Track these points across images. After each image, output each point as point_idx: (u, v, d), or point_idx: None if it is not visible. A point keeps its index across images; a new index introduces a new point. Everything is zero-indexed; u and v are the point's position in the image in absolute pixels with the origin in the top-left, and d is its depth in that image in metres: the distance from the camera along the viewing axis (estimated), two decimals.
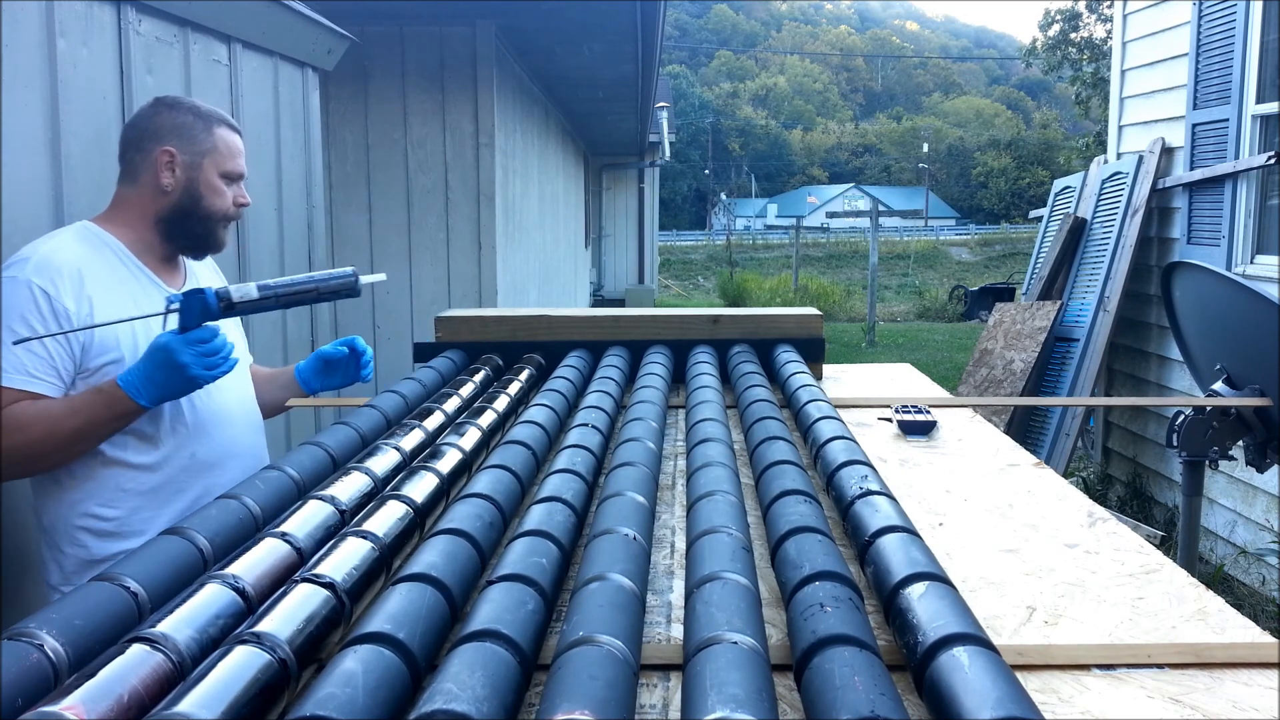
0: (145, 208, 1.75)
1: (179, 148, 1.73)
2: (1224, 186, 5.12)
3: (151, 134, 1.73)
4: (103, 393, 1.58)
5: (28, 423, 1.55)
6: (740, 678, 0.68)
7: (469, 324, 2.19)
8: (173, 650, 0.77)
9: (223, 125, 1.79)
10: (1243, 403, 2.54)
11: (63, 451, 1.60)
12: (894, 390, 2.19)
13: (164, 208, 1.75)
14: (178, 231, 1.77)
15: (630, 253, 18.26)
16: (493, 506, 1.10)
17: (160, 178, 1.73)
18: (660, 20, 6.09)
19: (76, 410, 1.58)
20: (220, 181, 1.77)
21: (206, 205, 1.76)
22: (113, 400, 1.58)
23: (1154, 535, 5.24)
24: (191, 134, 1.74)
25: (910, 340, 15.33)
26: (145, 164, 1.73)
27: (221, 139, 1.78)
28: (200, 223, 1.77)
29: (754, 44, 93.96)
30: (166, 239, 1.77)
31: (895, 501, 1.11)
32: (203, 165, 1.75)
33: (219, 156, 1.77)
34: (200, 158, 1.75)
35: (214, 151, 1.76)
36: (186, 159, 1.74)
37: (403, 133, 5.04)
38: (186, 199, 1.75)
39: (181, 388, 1.60)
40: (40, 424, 1.55)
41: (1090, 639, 0.95)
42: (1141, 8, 6.10)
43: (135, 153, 1.75)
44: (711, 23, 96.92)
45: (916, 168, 63.26)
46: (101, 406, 1.58)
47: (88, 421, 1.58)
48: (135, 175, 1.75)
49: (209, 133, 1.76)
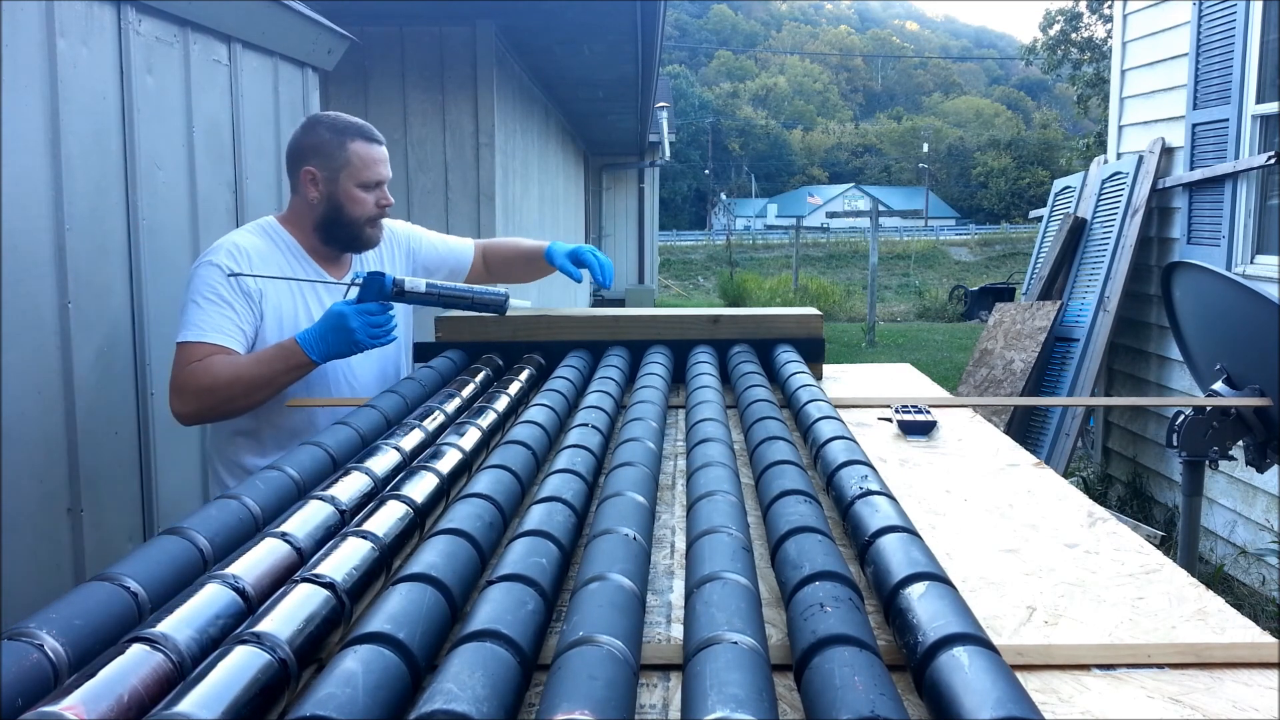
0: (305, 216, 2.05)
1: (318, 166, 1.99)
2: (1224, 186, 5.12)
3: (298, 154, 2.02)
4: (283, 348, 1.88)
5: (220, 372, 1.85)
6: (740, 678, 0.68)
7: (469, 324, 2.19)
8: (173, 650, 0.77)
9: (357, 139, 2.01)
10: (1243, 403, 2.54)
11: (248, 397, 1.88)
12: (894, 390, 2.19)
13: (318, 217, 2.03)
14: (331, 235, 2.05)
15: (630, 253, 18.25)
16: (493, 506, 1.10)
17: (308, 193, 2.01)
18: (660, 20, 6.09)
19: (261, 362, 1.88)
20: (358, 191, 2.01)
21: (349, 213, 2.02)
22: (291, 354, 1.87)
23: (1154, 535, 5.24)
24: (328, 152, 1.99)
25: (910, 340, 15.33)
26: (298, 181, 2.03)
27: (355, 153, 2.00)
28: (346, 228, 2.04)
29: (754, 44, 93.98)
30: (326, 242, 2.06)
31: (895, 501, 1.11)
32: (340, 179, 2.00)
33: (353, 170, 2.00)
34: (337, 173, 1.99)
35: (348, 166, 2.00)
36: (325, 175, 2.00)
37: (403, 133, 5.04)
38: (331, 209, 2.02)
39: (348, 349, 1.88)
40: (230, 372, 1.85)
41: (1090, 639, 0.95)
42: (1141, 8, 6.10)
43: (292, 171, 2.04)
44: (711, 23, 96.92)
45: (916, 168, 63.26)
46: (280, 360, 1.87)
47: (269, 372, 1.87)
48: (296, 189, 2.05)
49: (342, 149, 1.99)
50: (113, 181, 2.29)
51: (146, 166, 2.39)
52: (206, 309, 1.89)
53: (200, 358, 1.86)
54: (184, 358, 1.87)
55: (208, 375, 1.85)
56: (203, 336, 1.87)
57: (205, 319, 1.88)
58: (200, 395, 1.85)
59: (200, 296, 1.90)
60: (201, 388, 1.85)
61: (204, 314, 1.89)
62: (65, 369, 2.09)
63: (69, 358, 2.09)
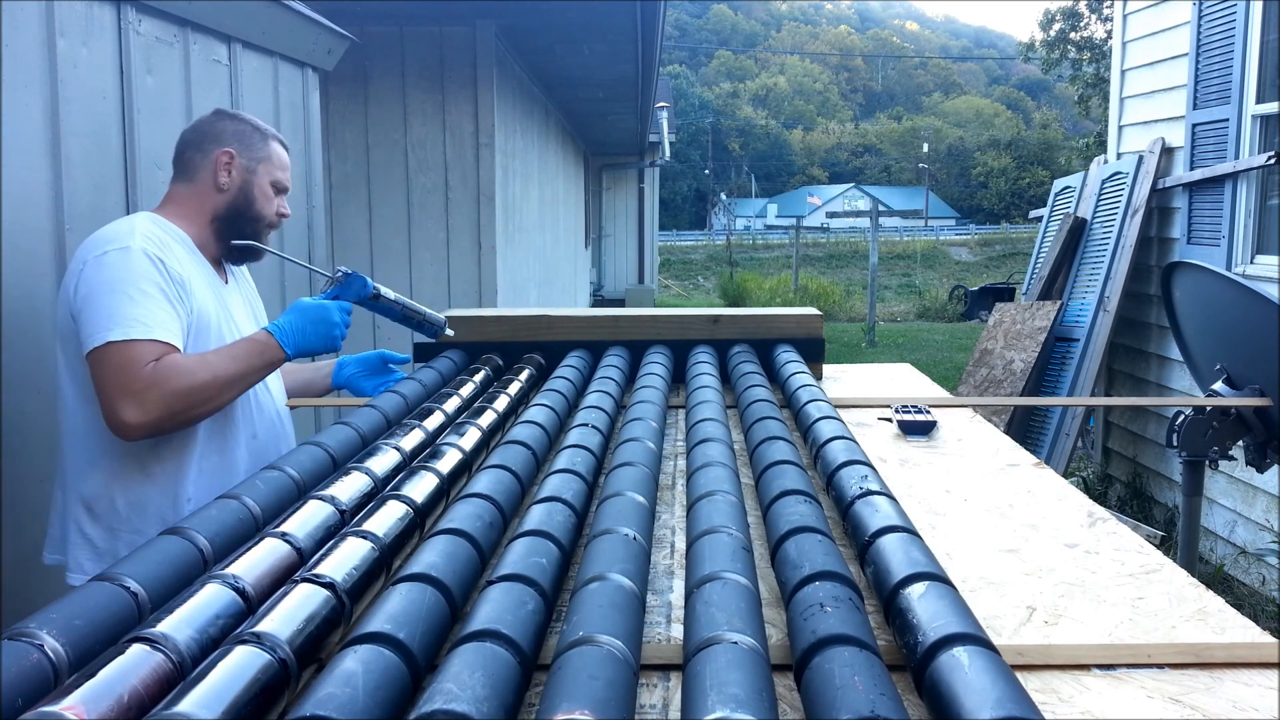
0: (202, 204, 1.85)
1: (238, 151, 1.86)
2: (1224, 186, 5.12)
3: (213, 137, 1.86)
4: (256, 341, 1.73)
5: (191, 369, 1.65)
6: (740, 678, 0.68)
7: (469, 324, 2.19)
8: (173, 650, 0.77)
9: (276, 140, 1.93)
10: (1243, 403, 2.54)
11: (219, 399, 1.69)
12: (894, 390, 2.19)
13: (220, 205, 1.85)
14: (229, 230, 1.87)
15: (630, 253, 18.25)
16: (493, 506, 1.10)
17: (218, 176, 1.85)
18: (660, 20, 6.09)
19: (235, 356, 1.70)
20: (270, 189, 1.89)
21: (257, 208, 1.88)
22: (265, 348, 1.72)
23: (1154, 535, 5.23)
24: (250, 141, 1.87)
25: (910, 340, 15.32)
26: (204, 163, 1.85)
27: (275, 151, 1.91)
28: (250, 224, 1.88)
29: (754, 44, 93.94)
30: (218, 237, 1.87)
31: (895, 501, 1.11)
32: (257, 171, 1.87)
33: (271, 166, 1.89)
34: (256, 164, 1.87)
35: (268, 160, 1.89)
36: (244, 162, 1.86)
37: (403, 133, 5.04)
38: (241, 199, 1.86)
39: (323, 346, 1.76)
40: (204, 369, 1.66)
41: (1090, 639, 0.95)
42: (1141, 8, 6.10)
43: (195, 152, 1.86)
44: (711, 23, 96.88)
45: (916, 168, 63.24)
46: (255, 354, 1.71)
47: (244, 367, 1.70)
48: (193, 174, 1.86)
49: (265, 144, 1.89)
50: (113, 181, 2.28)
51: (146, 166, 2.39)
52: (143, 303, 1.63)
53: (155, 357, 1.61)
54: (134, 357, 1.59)
55: (179, 375, 1.61)
56: (149, 334, 1.62)
57: (146, 314, 1.63)
58: (169, 400, 1.60)
59: (132, 289, 1.63)
60: (172, 391, 1.60)
61: (142, 308, 1.63)
62: None
63: None
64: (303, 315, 1.75)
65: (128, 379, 1.59)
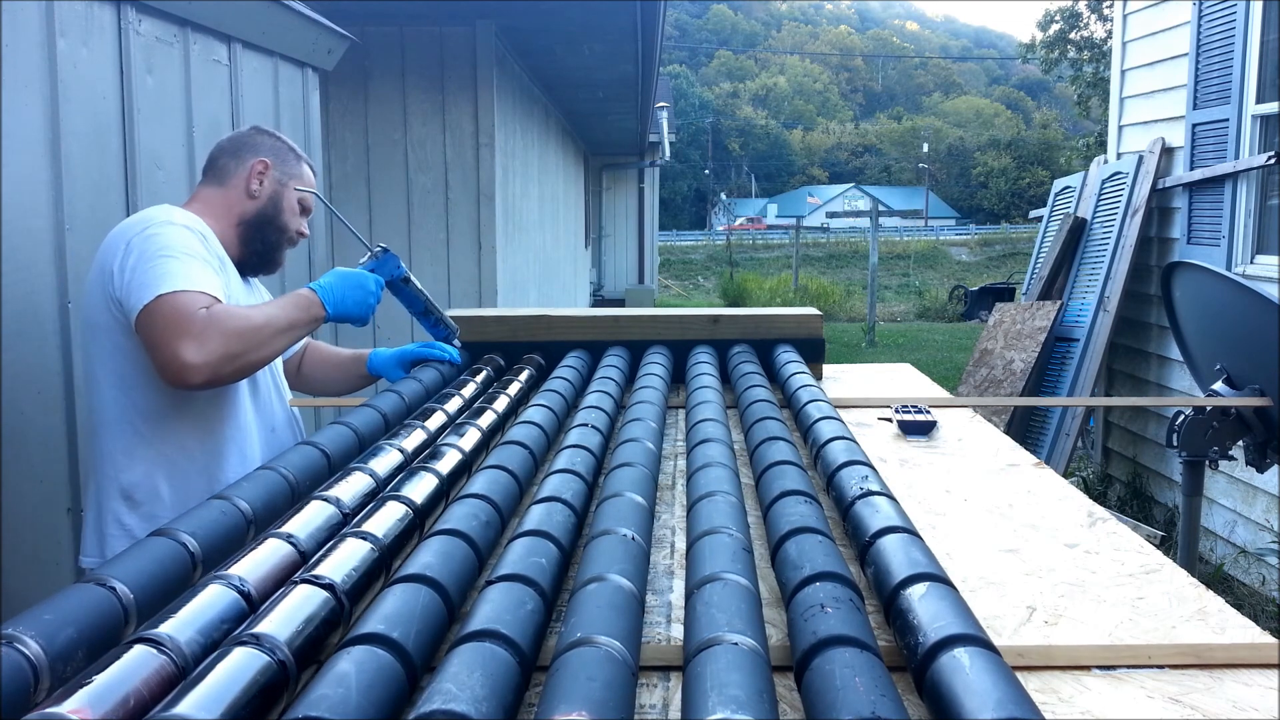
0: (230, 207, 1.90)
1: (273, 163, 1.92)
2: (1224, 186, 5.12)
3: (251, 147, 1.92)
4: (301, 295, 1.78)
5: (245, 313, 1.67)
6: (741, 679, 0.68)
7: (469, 324, 2.19)
8: (175, 652, 0.77)
9: (308, 164, 2.00)
10: (1243, 403, 2.54)
11: (273, 343, 1.71)
12: (894, 390, 2.19)
13: (249, 211, 1.90)
14: (254, 236, 1.91)
15: (630, 253, 18.25)
16: (489, 506, 1.10)
17: (251, 183, 1.90)
18: (660, 20, 6.09)
19: (283, 306, 1.75)
20: (296, 205, 1.96)
21: (284, 219, 1.94)
22: (310, 304, 1.77)
23: (1154, 535, 5.23)
24: (285, 157, 1.95)
25: (910, 340, 15.32)
26: (239, 169, 1.90)
27: (305, 173, 1.98)
28: (275, 233, 1.93)
29: (754, 44, 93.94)
30: (242, 241, 1.91)
31: (895, 502, 1.11)
32: (288, 185, 1.94)
33: (301, 183, 1.97)
34: (288, 178, 1.94)
35: (299, 178, 1.96)
36: (277, 175, 1.93)
37: (403, 133, 5.04)
38: (270, 207, 1.92)
39: (359, 312, 1.82)
40: (257, 313, 1.69)
41: (1090, 639, 0.95)
42: (1141, 8, 6.10)
43: (230, 159, 1.92)
44: (711, 23, 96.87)
45: (916, 168, 63.25)
46: (301, 308, 1.76)
47: (292, 318, 1.74)
48: (226, 178, 1.91)
49: (298, 163, 1.97)
50: (113, 181, 2.28)
51: (146, 166, 2.39)
52: (189, 264, 1.65)
53: (206, 305, 1.61)
54: (187, 302, 1.59)
55: (233, 317, 1.62)
56: (196, 285, 1.63)
57: (194, 272, 1.65)
58: (228, 339, 1.59)
59: (179, 253, 1.65)
60: (230, 330, 1.60)
61: (188, 267, 1.65)
62: (65, 369, 2.09)
63: (69, 358, 2.09)
64: (343, 280, 1.81)
65: (185, 322, 1.59)
